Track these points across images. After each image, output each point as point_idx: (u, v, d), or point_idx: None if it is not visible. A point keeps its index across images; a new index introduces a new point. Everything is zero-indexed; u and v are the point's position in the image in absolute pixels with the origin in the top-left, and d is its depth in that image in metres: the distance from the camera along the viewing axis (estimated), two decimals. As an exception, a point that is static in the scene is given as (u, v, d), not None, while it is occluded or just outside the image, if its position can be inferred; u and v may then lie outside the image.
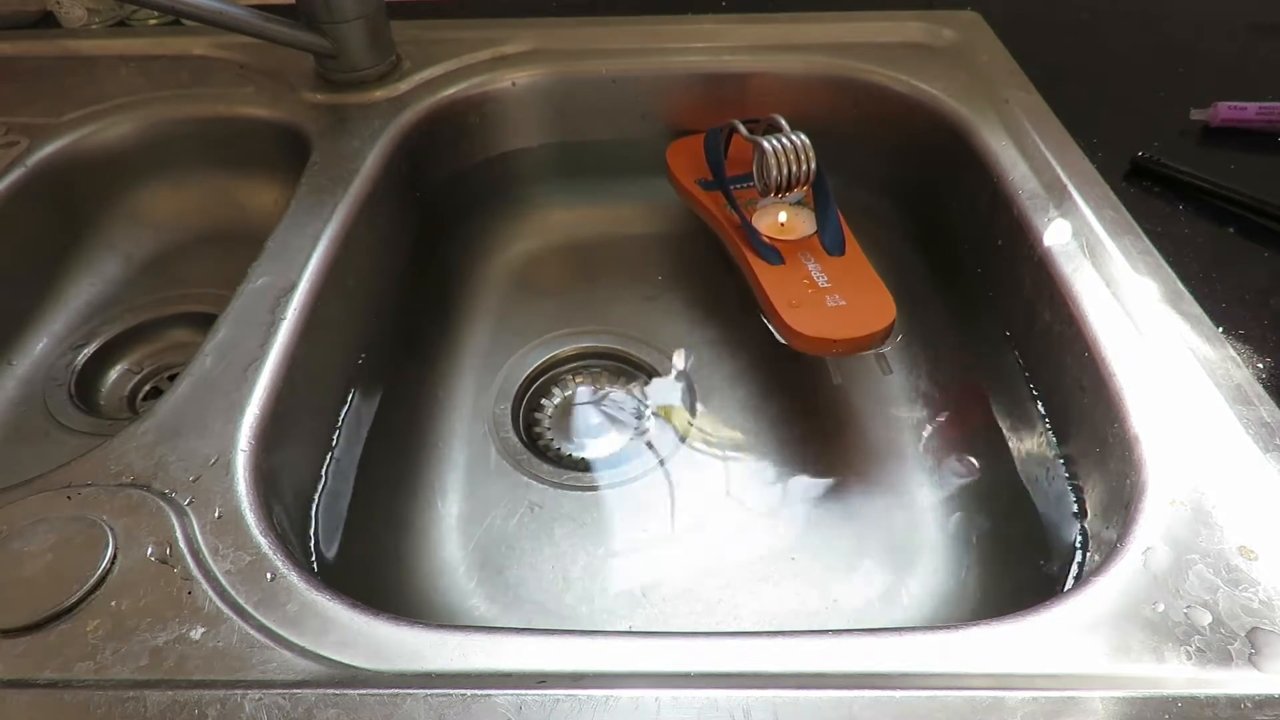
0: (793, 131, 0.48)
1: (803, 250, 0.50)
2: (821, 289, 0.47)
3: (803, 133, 0.48)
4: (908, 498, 0.47)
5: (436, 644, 0.28)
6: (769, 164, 0.47)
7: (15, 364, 0.52)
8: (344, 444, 0.44)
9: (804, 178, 0.48)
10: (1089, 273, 0.42)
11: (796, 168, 0.47)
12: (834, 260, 0.49)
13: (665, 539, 0.46)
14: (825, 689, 0.26)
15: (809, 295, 0.47)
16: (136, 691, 0.26)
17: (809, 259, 0.49)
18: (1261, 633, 0.28)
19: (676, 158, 0.59)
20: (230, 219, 0.60)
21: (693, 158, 0.57)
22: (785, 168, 0.47)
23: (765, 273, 0.48)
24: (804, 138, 0.48)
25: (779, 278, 0.48)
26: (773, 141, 0.48)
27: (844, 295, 0.47)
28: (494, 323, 0.57)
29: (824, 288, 0.47)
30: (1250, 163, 0.51)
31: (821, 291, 0.47)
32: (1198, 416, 0.34)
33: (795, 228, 0.51)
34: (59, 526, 0.30)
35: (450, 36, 0.62)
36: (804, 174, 0.48)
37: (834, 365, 0.53)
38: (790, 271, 0.48)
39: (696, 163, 0.57)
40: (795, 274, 0.48)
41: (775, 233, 0.51)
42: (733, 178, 0.54)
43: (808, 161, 0.47)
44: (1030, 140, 0.51)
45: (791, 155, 0.47)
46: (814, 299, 0.47)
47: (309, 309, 0.41)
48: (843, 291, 0.47)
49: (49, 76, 0.60)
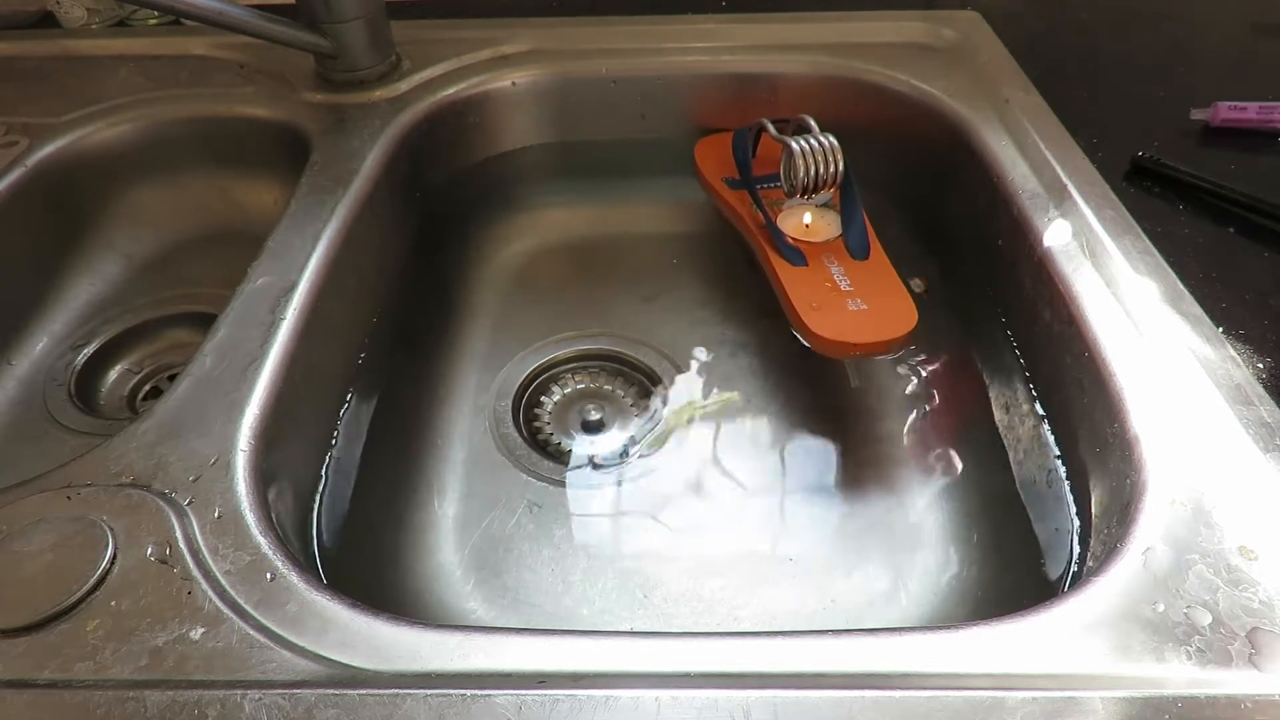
0: (821, 133, 0.48)
1: (826, 252, 0.50)
2: (843, 292, 0.47)
3: (831, 134, 0.48)
4: (907, 498, 0.47)
5: (436, 644, 0.28)
6: (796, 165, 0.47)
7: (15, 364, 0.52)
8: (344, 444, 0.44)
9: (831, 180, 0.48)
10: (1089, 273, 0.42)
11: (824, 169, 0.47)
12: (858, 264, 0.49)
13: (665, 539, 0.46)
14: (825, 689, 0.26)
15: (830, 298, 0.47)
16: (136, 692, 0.26)
17: (832, 261, 0.49)
18: (1261, 633, 0.27)
19: (704, 155, 0.59)
20: (230, 219, 0.60)
21: (720, 155, 0.57)
22: (812, 169, 0.47)
23: (787, 274, 0.48)
24: (832, 139, 0.48)
25: (801, 279, 0.48)
26: (801, 142, 0.47)
27: (865, 299, 0.47)
28: (493, 322, 0.57)
29: (846, 291, 0.47)
30: (1250, 163, 0.51)
31: (843, 295, 0.47)
32: (1198, 416, 0.34)
33: (820, 230, 0.51)
34: (59, 526, 0.30)
35: (450, 36, 0.62)
36: (831, 176, 0.48)
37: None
38: (812, 273, 0.48)
39: (724, 160, 0.57)
40: (817, 276, 0.48)
41: (800, 234, 0.51)
42: (759, 177, 0.54)
43: (835, 163, 0.47)
44: (1030, 140, 0.51)
45: (819, 156, 0.47)
46: (835, 302, 0.46)
47: (309, 309, 0.41)
48: (864, 295, 0.47)
49: (49, 76, 0.59)
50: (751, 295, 0.58)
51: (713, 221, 0.63)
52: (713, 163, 0.58)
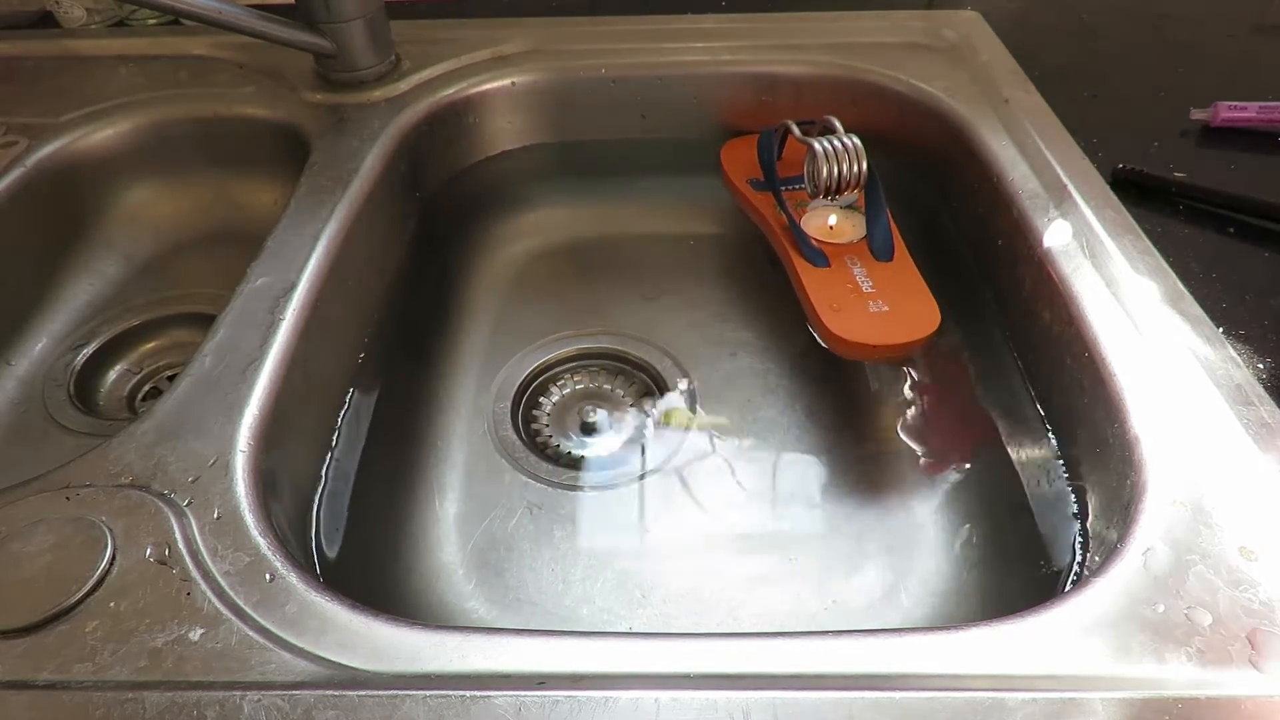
0: (846, 134, 0.48)
1: (849, 254, 0.50)
2: (865, 294, 0.47)
3: (856, 135, 0.48)
4: (907, 498, 0.47)
5: (435, 645, 0.28)
6: (820, 166, 0.47)
7: (14, 364, 0.52)
8: (343, 444, 0.44)
9: (855, 181, 0.48)
10: (1089, 273, 0.42)
11: (847, 170, 0.47)
12: (881, 265, 0.49)
13: (665, 539, 0.45)
14: (825, 690, 0.26)
15: (851, 300, 0.47)
16: (135, 693, 0.26)
17: (855, 263, 0.49)
18: (1262, 633, 0.27)
19: (730, 156, 0.59)
20: (230, 219, 0.60)
21: (746, 157, 0.57)
22: (836, 170, 0.47)
23: (809, 275, 0.49)
24: (856, 140, 0.48)
25: (822, 281, 0.48)
26: (825, 143, 0.48)
27: (887, 301, 0.47)
28: (493, 322, 0.57)
29: (868, 293, 0.47)
30: (1250, 163, 0.51)
31: (864, 296, 0.47)
32: (1198, 417, 0.34)
33: (844, 231, 0.51)
34: (58, 527, 0.30)
35: (450, 36, 0.62)
36: (855, 177, 0.48)
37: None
38: (834, 275, 0.49)
39: (750, 162, 0.57)
40: (839, 277, 0.48)
41: (823, 235, 0.51)
42: (785, 179, 0.54)
43: (859, 164, 0.47)
44: (1030, 140, 0.51)
45: (843, 157, 0.47)
46: (856, 303, 0.47)
47: (308, 309, 0.41)
48: (886, 297, 0.47)
49: (48, 76, 0.59)
50: (753, 295, 0.58)
51: (713, 221, 0.64)
52: (738, 164, 0.58)
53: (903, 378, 0.53)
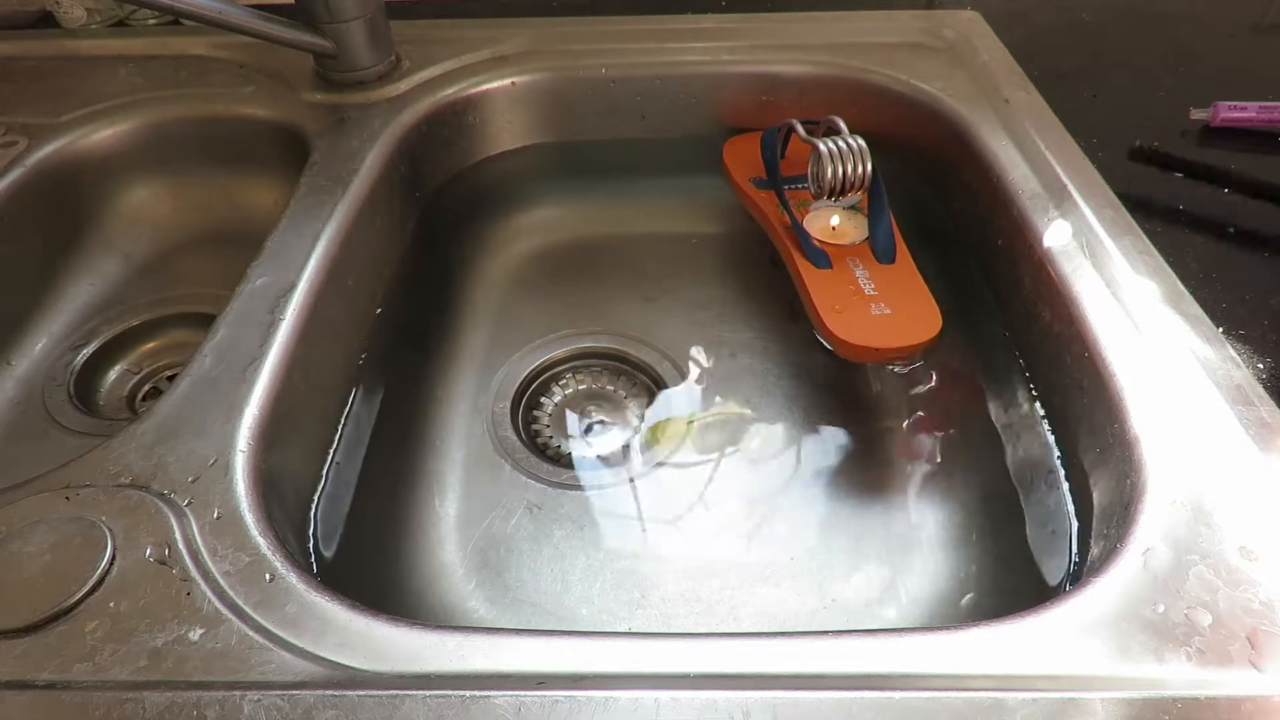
0: (851, 135, 0.48)
1: (852, 256, 0.50)
2: (867, 296, 0.47)
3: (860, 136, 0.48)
4: (907, 498, 0.47)
5: (435, 645, 0.28)
6: (824, 166, 0.47)
7: (14, 364, 0.52)
8: (343, 444, 0.44)
9: (859, 182, 0.48)
10: (1089, 273, 0.42)
11: (851, 171, 0.47)
12: (883, 268, 0.49)
13: (664, 539, 0.45)
14: (825, 690, 0.26)
15: (853, 301, 0.47)
16: (135, 693, 0.26)
17: (857, 265, 0.49)
18: (1262, 633, 0.27)
19: (733, 154, 0.59)
20: (230, 219, 0.60)
21: (749, 155, 0.57)
22: (840, 171, 0.47)
23: (811, 276, 0.48)
24: (861, 142, 0.48)
25: (824, 282, 0.48)
26: (829, 144, 0.47)
27: (889, 304, 0.46)
28: (493, 323, 0.57)
29: (870, 295, 0.47)
30: (1250, 163, 0.51)
31: (867, 299, 0.47)
32: (1198, 417, 0.34)
33: (847, 232, 0.51)
34: (58, 527, 0.30)
35: (450, 36, 0.62)
36: (859, 178, 0.47)
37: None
38: (837, 276, 0.48)
39: (753, 160, 0.57)
40: (842, 279, 0.48)
41: (826, 236, 0.51)
42: (788, 178, 0.54)
43: (864, 166, 0.47)
44: (1030, 140, 0.51)
45: (847, 158, 0.47)
46: (858, 305, 0.46)
47: (308, 309, 0.41)
48: (889, 300, 0.47)
49: (48, 76, 0.59)
50: (753, 295, 0.58)
51: (713, 221, 0.64)
52: (741, 162, 0.58)
53: (902, 378, 0.52)
